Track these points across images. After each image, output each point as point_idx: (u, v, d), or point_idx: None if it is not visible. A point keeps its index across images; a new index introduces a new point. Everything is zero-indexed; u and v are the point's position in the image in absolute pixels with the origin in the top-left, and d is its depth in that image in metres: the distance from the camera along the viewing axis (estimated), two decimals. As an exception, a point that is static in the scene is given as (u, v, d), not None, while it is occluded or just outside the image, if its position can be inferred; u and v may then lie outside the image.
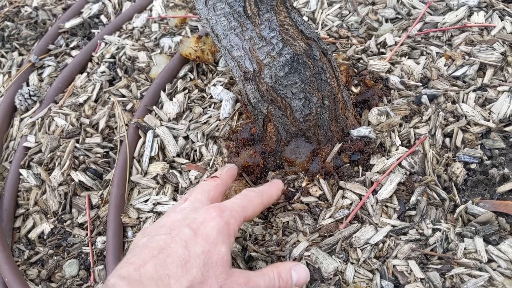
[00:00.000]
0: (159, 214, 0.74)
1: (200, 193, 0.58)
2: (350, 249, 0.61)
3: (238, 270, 0.51)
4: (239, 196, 0.57)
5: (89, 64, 1.01)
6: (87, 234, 0.76)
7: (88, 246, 0.75)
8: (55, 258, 0.76)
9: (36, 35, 1.13)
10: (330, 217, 0.64)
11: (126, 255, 0.50)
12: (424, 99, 0.72)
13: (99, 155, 0.83)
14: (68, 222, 0.79)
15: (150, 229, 0.53)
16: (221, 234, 0.50)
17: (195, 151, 0.78)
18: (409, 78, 0.77)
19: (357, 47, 0.84)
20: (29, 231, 0.80)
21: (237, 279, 0.49)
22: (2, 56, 1.11)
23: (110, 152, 0.84)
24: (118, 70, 0.96)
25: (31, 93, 0.95)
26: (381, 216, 0.63)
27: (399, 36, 0.84)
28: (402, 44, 0.82)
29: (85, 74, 0.99)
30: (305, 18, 0.93)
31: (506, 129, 0.67)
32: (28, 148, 0.88)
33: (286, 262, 0.60)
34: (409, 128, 0.70)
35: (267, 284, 0.51)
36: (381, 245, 0.61)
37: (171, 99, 0.86)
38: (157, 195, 0.76)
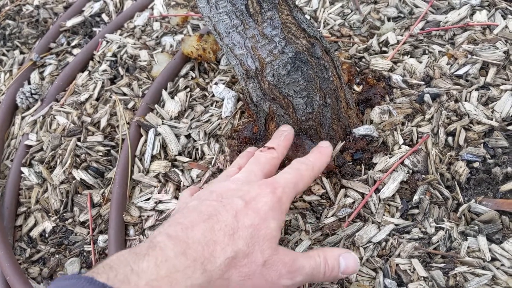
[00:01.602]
0: (161, 212, 0.74)
1: (255, 165, 0.56)
2: (353, 248, 0.61)
3: (284, 249, 0.50)
4: (290, 171, 0.55)
5: (91, 63, 1.01)
6: (88, 233, 0.76)
7: (89, 244, 0.75)
8: (57, 256, 0.76)
9: (38, 34, 1.13)
10: (332, 215, 0.64)
11: (174, 214, 0.50)
12: (427, 97, 0.72)
13: (100, 154, 0.83)
14: (70, 220, 0.79)
15: (201, 193, 0.53)
16: (272, 210, 0.49)
17: (197, 149, 0.78)
18: (411, 77, 0.77)
19: (359, 46, 0.84)
20: (30, 230, 0.80)
21: (282, 257, 0.48)
22: (3, 55, 1.11)
23: (112, 151, 0.84)
24: (120, 69, 0.96)
25: (33, 91, 0.95)
26: (383, 214, 0.63)
27: (402, 35, 0.84)
28: (404, 43, 0.82)
29: (86, 72, 0.99)
30: (307, 17, 0.93)
31: (509, 127, 0.67)
32: (29, 147, 0.88)
33: (335, 248, 0.58)
34: (412, 126, 0.70)
35: (313, 268, 0.50)
36: (384, 243, 0.61)
37: (172, 98, 0.86)
38: (159, 193, 0.75)
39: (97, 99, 0.92)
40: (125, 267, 0.40)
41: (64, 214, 0.79)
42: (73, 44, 1.07)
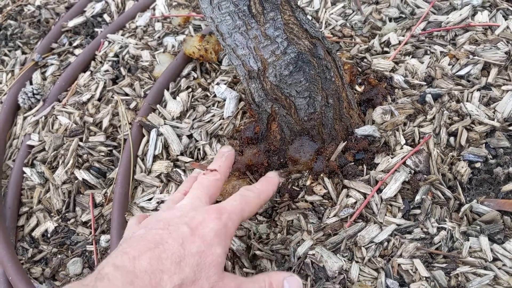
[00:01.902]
0: (163, 212, 0.74)
1: (199, 189, 0.58)
2: (355, 248, 0.61)
3: (230, 275, 0.51)
4: (237, 198, 0.56)
5: (92, 63, 1.01)
6: (91, 233, 0.76)
7: (92, 244, 0.75)
8: (59, 256, 0.76)
9: (39, 34, 1.14)
10: (334, 215, 0.64)
11: (121, 244, 0.50)
12: (429, 98, 0.72)
13: (102, 154, 0.83)
14: (72, 220, 0.79)
15: (148, 221, 0.53)
16: (218, 236, 0.50)
17: (199, 149, 0.78)
18: (413, 77, 0.77)
19: (361, 46, 0.84)
20: (32, 230, 0.80)
21: (228, 282, 0.49)
22: (5, 55, 1.12)
23: (114, 151, 0.84)
24: (122, 69, 0.96)
25: (35, 91, 0.95)
26: (385, 215, 0.63)
27: (403, 35, 0.84)
28: (406, 43, 0.82)
29: (88, 72, 0.99)
30: (309, 17, 0.93)
31: (511, 128, 0.67)
32: (31, 147, 0.88)
33: (280, 272, 0.59)
34: (414, 127, 0.70)
35: None
36: (386, 243, 0.61)
37: (174, 98, 0.86)
38: (161, 193, 0.76)
39: (99, 99, 0.93)
40: None
41: (66, 214, 0.79)
42: (75, 44, 1.08)
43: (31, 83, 1.01)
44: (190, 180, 0.65)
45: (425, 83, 0.75)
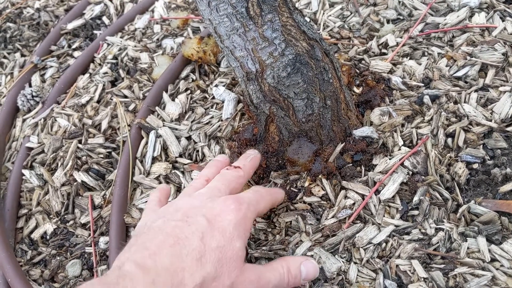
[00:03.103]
0: (162, 214, 0.74)
1: (221, 182, 0.57)
2: (353, 249, 0.61)
3: (250, 266, 0.50)
4: (251, 191, 0.56)
5: (91, 65, 1.01)
6: (90, 234, 0.76)
7: (91, 246, 0.75)
8: (58, 258, 0.76)
9: (38, 36, 1.14)
10: (333, 217, 0.65)
11: (139, 234, 0.49)
12: (426, 99, 0.73)
13: (101, 156, 0.83)
14: (71, 222, 0.79)
15: (166, 210, 0.53)
16: (237, 229, 0.49)
17: (198, 151, 0.79)
18: (411, 79, 0.77)
19: (358, 48, 0.84)
20: (31, 232, 0.80)
21: (249, 275, 0.49)
22: (5, 57, 1.12)
23: (113, 153, 0.84)
24: (120, 71, 0.97)
25: (34, 94, 0.96)
26: (384, 216, 0.63)
27: (401, 37, 0.84)
28: (403, 45, 0.82)
29: (87, 75, 0.99)
30: (307, 19, 0.93)
31: (508, 129, 0.67)
32: (30, 149, 0.88)
33: (296, 256, 0.59)
34: (411, 128, 0.70)
35: (278, 280, 0.51)
36: (384, 244, 0.61)
37: (173, 100, 0.86)
38: (159, 195, 0.76)
39: (98, 102, 0.93)
40: None
41: (65, 216, 0.79)
42: (74, 46, 1.08)
43: (30, 86, 1.01)
44: (213, 164, 0.64)
45: (422, 85, 0.75)
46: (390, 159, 0.68)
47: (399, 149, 0.69)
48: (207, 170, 0.63)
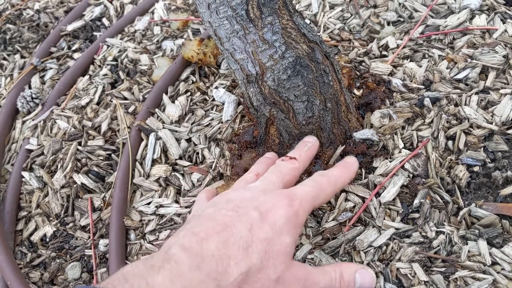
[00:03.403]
0: (162, 216, 0.74)
1: (274, 174, 0.55)
2: (353, 252, 0.61)
3: (298, 263, 0.49)
4: (310, 183, 0.54)
5: (91, 67, 1.01)
6: (89, 237, 0.76)
7: (90, 248, 0.75)
8: (58, 260, 0.76)
9: (38, 38, 1.14)
10: (333, 219, 0.64)
11: (189, 221, 0.49)
12: (427, 101, 0.73)
13: (101, 158, 0.83)
14: (71, 224, 0.79)
15: (217, 200, 0.52)
16: (287, 224, 0.48)
17: (198, 153, 0.78)
18: (411, 81, 0.77)
19: (359, 50, 0.84)
20: (31, 234, 0.80)
21: (296, 272, 0.47)
22: (4, 59, 1.12)
23: (113, 155, 0.84)
24: (120, 73, 0.96)
25: (33, 95, 0.95)
26: (384, 218, 0.63)
27: (401, 39, 0.84)
28: (404, 47, 0.82)
29: (87, 76, 0.99)
30: (307, 21, 0.93)
31: (509, 131, 0.67)
32: (30, 151, 0.88)
33: (352, 263, 0.57)
34: (412, 130, 0.70)
35: (327, 283, 0.49)
36: (384, 247, 0.61)
37: (173, 102, 0.86)
38: (159, 197, 0.75)
39: (97, 103, 0.93)
40: (140, 280, 0.40)
41: (65, 219, 0.79)
42: (73, 48, 1.08)
43: (30, 87, 1.01)
44: (263, 161, 0.63)
45: (423, 87, 0.75)
46: (390, 161, 0.67)
47: (400, 152, 0.69)
48: (257, 166, 0.62)
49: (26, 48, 1.13)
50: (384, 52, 0.84)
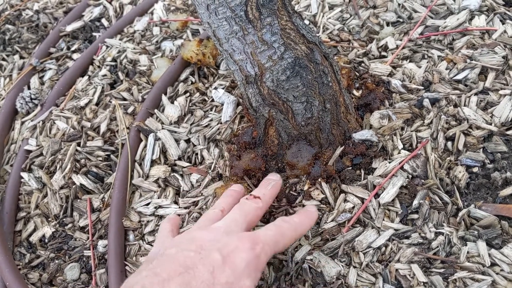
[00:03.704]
0: (161, 217, 0.74)
1: (238, 214, 0.56)
2: (352, 253, 0.61)
3: None
4: (273, 227, 0.55)
5: (90, 67, 1.01)
6: (88, 238, 0.76)
7: (89, 249, 0.75)
8: (57, 261, 0.76)
9: (37, 39, 1.14)
10: (332, 220, 0.64)
11: (151, 260, 0.50)
12: (426, 102, 0.72)
13: (100, 158, 0.83)
14: (70, 225, 0.79)
15: (180, 239, 0.53)
16: (248, 267, 0.49)
17: (197, 154, 0.78)
18: (410, 82, 0.77)
19: (358, 51, 0.84)
20: (30, 235, 0.80)
21: None
22: (3, 59, 1.12)
23: (112, 155, 0.84)
24: (119, 73, 0.96)
25: (32, 96, 0.95)
26: (383, 219, 0.63)
27: (401, 40, 0.84)
28: (403, 48, 0.82)
29: (86, 77, 0.99)
30: (307, 22, 0.93)
31: (508, 132, 0.67)
32: (29, 152, 0.88)
33: None
34: (411, 131, 0.70)
35: None
36: (383, 248, 0.61)
37: (172, 103, 0.86)
38: (158, 198, 0.75)
39: (96, 104, 0.93)
40: None
41: (64, 219, 0.79)
42: (73, 49, 1.07)
43: (29, 88, 1.01)
44: (229, 195, 0.64)
45: (422, 88, 0.75)
46: (389, 162, 0.67)
47: (399, 153, 0.68)
48: (222, 200, 0.63)
49: (25, 49, 1.12)
50: (383, 53, 0.83)
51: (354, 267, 0.60)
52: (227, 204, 0.61)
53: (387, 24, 0.88)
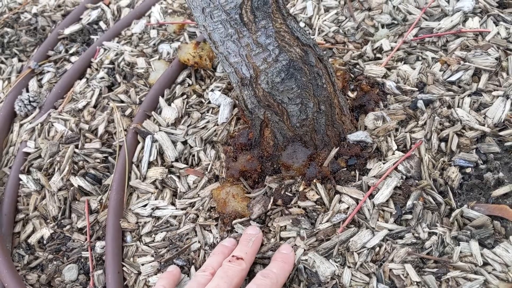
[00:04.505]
0: (158, 218, 0.74)
1: (223, 280, 0.58)
2: (347, 253, 0.62)
3: None
4: (254, 287, 0.57)
5: (88, 70, 1.01)
6: (86, 239, 0.77)
7: (87, 250, 0.75)
8: (55, 262, 0.76)
9: (36, 42, 1.14)
10: (327, 221, 0.65)
11: None
12: (420, 104, 0.73)
13: (98, 160, 0.84)
14: (68, 227, 0.79)
15: None
16: None
17: (193, 155, 0.79)
18: (405, 83, 0.78)
19: (353, 53, 0.85)
20: (28, 236, 0.81)
21: None
22: (2, 62, 1.12)
23: (109, 157, 0.84)
24: (117, 76, 0.97)
25: (31, 99, 0.96)
26: (377, 220, 0.64)
27: (395, 42, 0.85)
28: (398, 50, 0.83)
29: (84, 80, 1.00)
30: (302, 24, 0.94)
31: (501, 133, 0.68)
32: (27, 154, 0.89)
33: None
34: (405, 132, 0.71)
35: None
36: (377, 249, 0.61)
37: (169, 105, 0.87)
38: (155, 199, 0.76)
39: (94, 106, 0.93)
40: None
41: (62, 221, 0.80)
42: (71, 51, 1.08)
43: (27, 91, 1.02)
44: (219, 252, 0.64)
45: (416, 89, 0.76)
46: (384, 163, 0.68)
47: (393, 154, 0.69)
48: (213, 259, 0.63)
49: (24, 52, 1.13)
50: (378, 55, 0.84)
51: (349, 267, 0.61)
52: (217, 263, 0.62)
53: (382, 26, 0.89)
